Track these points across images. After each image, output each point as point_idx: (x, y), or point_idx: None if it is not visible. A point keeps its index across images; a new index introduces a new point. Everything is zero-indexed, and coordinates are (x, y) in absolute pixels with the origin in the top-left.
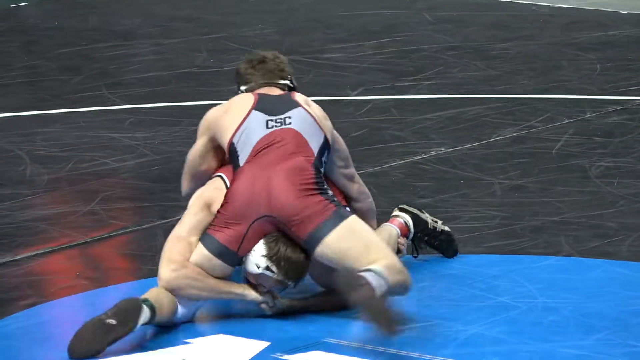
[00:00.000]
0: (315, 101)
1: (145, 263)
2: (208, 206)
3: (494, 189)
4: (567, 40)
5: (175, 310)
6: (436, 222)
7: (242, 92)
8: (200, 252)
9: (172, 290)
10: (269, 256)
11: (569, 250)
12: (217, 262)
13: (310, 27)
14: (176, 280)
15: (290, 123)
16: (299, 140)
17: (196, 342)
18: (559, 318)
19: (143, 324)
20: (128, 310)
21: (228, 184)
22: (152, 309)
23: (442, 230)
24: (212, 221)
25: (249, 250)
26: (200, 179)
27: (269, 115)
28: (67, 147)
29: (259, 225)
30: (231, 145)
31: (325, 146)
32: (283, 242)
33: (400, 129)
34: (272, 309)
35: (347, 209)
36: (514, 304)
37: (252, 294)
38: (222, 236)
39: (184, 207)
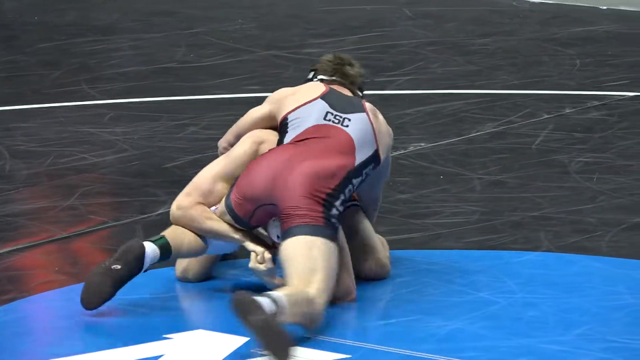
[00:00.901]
0: None
1: None
2: (258, 144)
3: (473, 184)
4: (547, 36)
5: (202, 244)
6: None
7: (314, 80)
8: (222, 204)
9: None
10: None
11: (549, 245)
12: (231, 219)
13: (291, 22)
14: (177, 219)
15: (347, 126)
16: (347, 145)
17: (176, 337)
18: (538, 313)
19: (156, 262)
20: (130, 252)
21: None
22: (165, 247)
23: None
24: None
25: (261, 223)
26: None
27: (331, 108)
28: (46, 142)
29: (265, 209)
30: (284, 119)
31: (373, 160)
32: None
33: None
34: (261, 267)
35: (341, 235)
36: (494, 300)
37: (249, 244)
38: (235, 204)
39: (162, 202)
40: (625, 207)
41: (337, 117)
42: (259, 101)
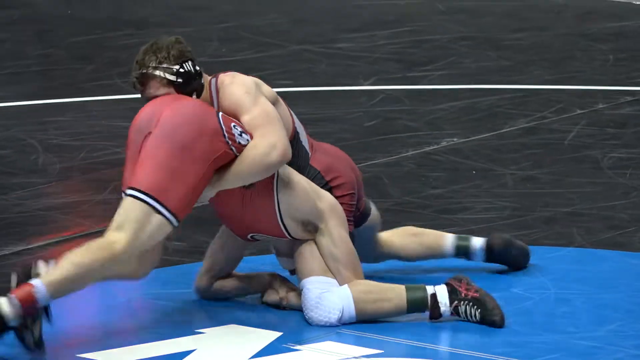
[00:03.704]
0: (327, 91)
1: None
2: None
3: (506, 179)
4: (581, 31)
5: None
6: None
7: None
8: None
9: None
10: None
11: (581, 241)
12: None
13: (323, 17)
14: None
15: None
16: None
17: (208, 332)
18: (571, 309)
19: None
20: None
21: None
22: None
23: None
24: None
25: None
26: None
27: None
28: (79, 136)
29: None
30: (296, 131)
31: None
32: None
33: (413, 119)
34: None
35: None
36: (527, 295)
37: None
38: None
39: None
40: None
41: None
42: (290, 96)
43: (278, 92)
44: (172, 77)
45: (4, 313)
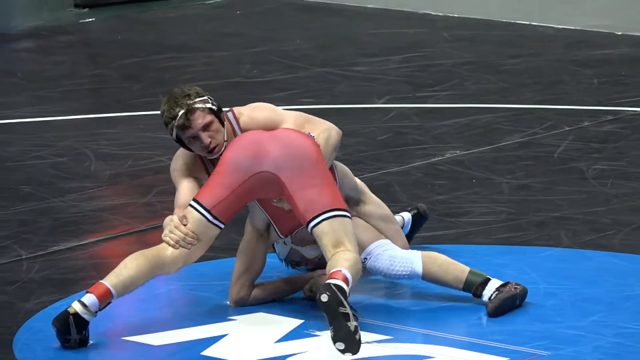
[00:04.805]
0: (345, 109)
1: None
2: None
3: (502, 187)
4: (569, 58)
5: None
6: None
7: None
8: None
9: None
10: None
11: (568, 242)
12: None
13: (343, 43)
14: None
15: None
16: None
17: (239, 318)
18: (558, 302)
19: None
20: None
21: None
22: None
23: None
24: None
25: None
26: None
27: None
28: (127, 146)
29: None
30: None
31: None
32: None
33: (421, 133)
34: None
35: None
36: None
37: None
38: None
39: None
40: (636, 209)
41: None
42: (312, 112)
43: (302, 109)
44: (210, 105)
45: (81, 312)
